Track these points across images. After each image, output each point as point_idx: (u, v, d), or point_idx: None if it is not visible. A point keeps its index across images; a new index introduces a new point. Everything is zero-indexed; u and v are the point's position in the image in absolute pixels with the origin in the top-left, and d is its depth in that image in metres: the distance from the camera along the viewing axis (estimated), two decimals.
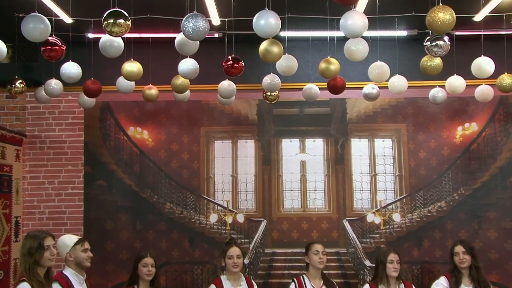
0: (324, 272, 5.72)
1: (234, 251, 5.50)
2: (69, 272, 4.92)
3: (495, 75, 5.29)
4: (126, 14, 4.18)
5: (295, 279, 5.68)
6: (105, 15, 4.16)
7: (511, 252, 6.41)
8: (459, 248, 5.47)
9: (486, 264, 6.12)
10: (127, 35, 4.49)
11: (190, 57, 5.21)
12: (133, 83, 5.62)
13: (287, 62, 5.20)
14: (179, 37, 4.71)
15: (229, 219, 6.75)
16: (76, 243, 4.96)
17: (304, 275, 5.67)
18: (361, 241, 6.63)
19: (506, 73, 5.43)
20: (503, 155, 6.64)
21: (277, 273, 6.62)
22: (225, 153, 6.87)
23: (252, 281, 5.71)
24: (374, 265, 5.73)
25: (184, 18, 4.16)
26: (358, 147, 6.87)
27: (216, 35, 6.22)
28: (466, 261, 5.43)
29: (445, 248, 5.90)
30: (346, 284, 6.47)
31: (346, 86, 5.60)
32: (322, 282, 5.60)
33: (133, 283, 5.37)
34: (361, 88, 5.98)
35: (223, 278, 5.59)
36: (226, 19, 5.54)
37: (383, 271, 5.52)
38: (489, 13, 5.66)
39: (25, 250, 4.29)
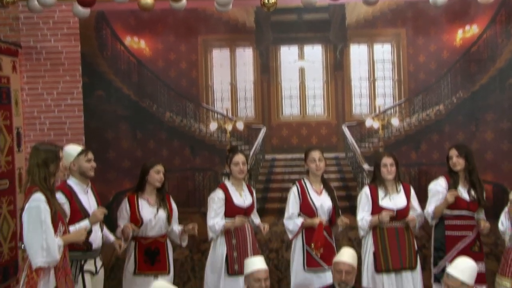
0: (324, 176, 5.84)
1: (240, 158, 5.61)
2: (72, 182, 5.02)
3: None
4: None
5: (297, 183, 5.82)
6: None
7: (507, 153, 6.48)
8: (453, 152, 5.57)
9: (482, 165, 6.21)
10: None
11: None
12: None
13: None
14: None
15: (228, 127, 6.78)
16: (80, 153, 5.02)
17: (305, 179, 5.80)
18: (360, 145, 6.70)
19: None
20: (503, 56, 6.57)
21: (277, 178, 6.73)
22: (223, 62, 6.80)
23: (252, 188, 5.84)
24: (372, 169, 5.85)
25: None
26: (357, 52, 6.79)
27: None
28: (459, 165, 5.54)
29: (442, 150, 5.97)
30: (344, 187, 6.59)
31: None
32: (322, 186, 5.74)
33: (138, 190, 5.49)
34: None
35: (227, 183, 5.72)
36: None
37: (379, 175, 5.64)
38: None
39: (40, 160, 4.32)
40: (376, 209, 5.61)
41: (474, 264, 4.66)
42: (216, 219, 5.59)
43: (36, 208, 4.20)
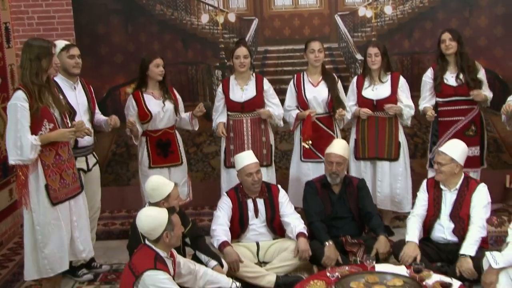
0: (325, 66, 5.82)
1: (241, 51, 5.54)
2: (59, 78, 4.99)
3: None
4: None
5: (295, 75, 5.82)
6: None
7: (500, 38, 6.42)
8: (446, 35, 5.53)
9: (475, 51, 6.19)
10: None
11: None
12: None
13: None
14: None
15: (220, 19, 6.67)
16: (62, 49, 4.94)
17: (304, 72, 5.79)
18: (353, 35, 6.62)
19: None
20: None
21: (270, 70, 6.70)
22: None
23: (264, 79, 5.77)
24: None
25: None
26: None
27: None
28: (452, 47, 5.51)
29: (435, 38, 5.88)
30: (338, 78, 6.55)
31: None
32: (320, 78, 5.73)
33: (141, 86, 5.48)
34: None
35: (231, 78, 5.71)
36: None
37: (366, 64, 5.65)
38: None
39: (32, 55, 4.28)
40: (360, 98, 5.70)
41: (465, 146, 4.76)
42: (215, 115, 5.69)
43: (14, 106, 4.23)
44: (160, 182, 4.40)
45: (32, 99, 4.25)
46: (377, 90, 5.64)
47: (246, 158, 5.07)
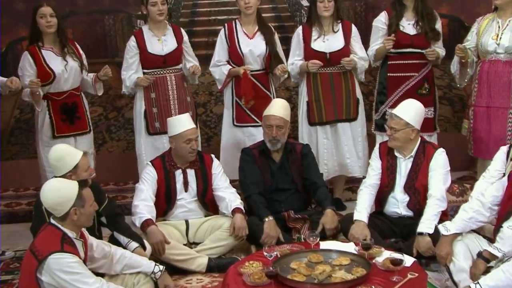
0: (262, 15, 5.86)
1: None
2: None
3: None
4: None
5: (225, 25, 5.84)
6: None
7: None
8: None
9: None
10: None
11: None
12: None
13: None
14: None
15: None
16: None
17: (237, 20, 5.82)
18: None
19: None
20: None
21: (201, 20, 6.73)
22: None
23: (181, 29, 5.80)
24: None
25: None
26: None
27: None
28: None
29: None
30: (280, 27, 6.63)
31: None
32: (256, 28, 5.78)
33: (36, 40, 5.42)
34: None
35: (144, 29, 5.70)
36: None
37: (315, 12, 5.71)
38: None
39: None
40: (308, 52, 5.76)
41: (421, 106, 4.81)
42: (128, 72, 5.66)
43: None
44: (66, 151, 4.41)
45: None
46: (329, 41, 5.74)
47: (185, 122, 5.06)
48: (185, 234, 5.07)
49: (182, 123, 5.06)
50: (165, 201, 5.09)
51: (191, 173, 5.12)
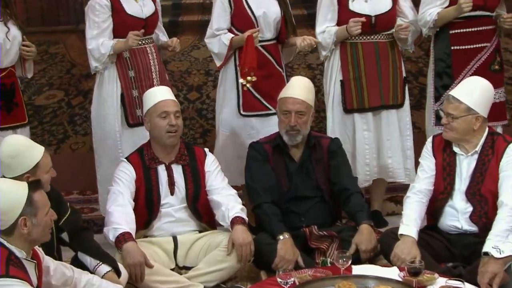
0: None
1: None
2: None
3: None
4: None
5: None
6: None
7: None
8: None
9: None
10: None
11: None
12: None
13: None
14: None
15: None
16: None
17: None
18: None
19: None
20: None
21: None
22: None
23: None
24: None
25: None
26: None
27: None
28: None
29: None
30: None
31: None
32: None
33: None
34: None
35: None
36: None
37: None
38: None
39: None
40: (345, 15, 5.68)
41: (488, 85, 4.69)
42: (100, 39, 5.55)
43: None
44: (24, 145, 4.36)
45: None
46: (372, 2, 5.67)
47: (160, 93, 5.06)
48: (173, 255, 5.02)
49: (157, 94, 5.04)
50: (145, 208, 5.05)
51: (177, 170, 5.08)
